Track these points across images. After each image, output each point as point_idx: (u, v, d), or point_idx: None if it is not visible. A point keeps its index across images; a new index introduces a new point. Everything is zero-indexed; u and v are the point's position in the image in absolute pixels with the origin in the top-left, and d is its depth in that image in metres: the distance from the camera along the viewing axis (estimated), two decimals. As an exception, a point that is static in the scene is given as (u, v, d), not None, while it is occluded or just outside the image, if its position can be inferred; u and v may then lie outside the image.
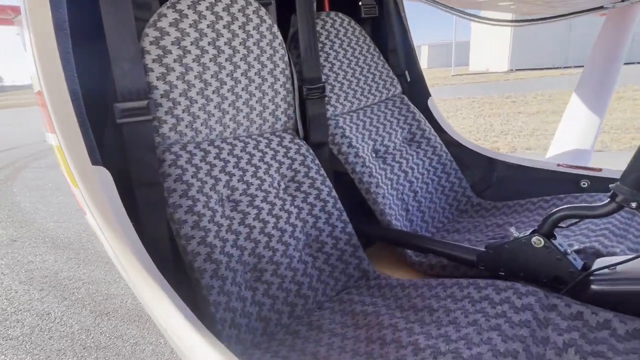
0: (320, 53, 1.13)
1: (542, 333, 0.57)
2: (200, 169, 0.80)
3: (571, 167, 1.11)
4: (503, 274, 0.77)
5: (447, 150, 1.27)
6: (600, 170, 1.07)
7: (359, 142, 1.09)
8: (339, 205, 0.98)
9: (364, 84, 1.20)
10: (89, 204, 0.60)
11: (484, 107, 7.63)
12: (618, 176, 1.08)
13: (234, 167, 0.86)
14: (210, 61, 0.82)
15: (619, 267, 0.62)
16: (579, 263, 0.68)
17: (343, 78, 1.15)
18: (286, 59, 0.97)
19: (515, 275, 0.75)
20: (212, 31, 0.82)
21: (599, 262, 0.66)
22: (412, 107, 1.28)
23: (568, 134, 1.49)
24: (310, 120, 1.05)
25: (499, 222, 1.08)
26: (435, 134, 1.28)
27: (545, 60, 13.88)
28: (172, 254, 0.75)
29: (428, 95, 1.39)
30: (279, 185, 0.94)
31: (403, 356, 0.59)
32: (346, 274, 0.94)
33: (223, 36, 0.84)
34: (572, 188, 1.11)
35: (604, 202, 0.63)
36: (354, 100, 1.16)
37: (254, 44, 0.90)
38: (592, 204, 0.65)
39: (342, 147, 1.06)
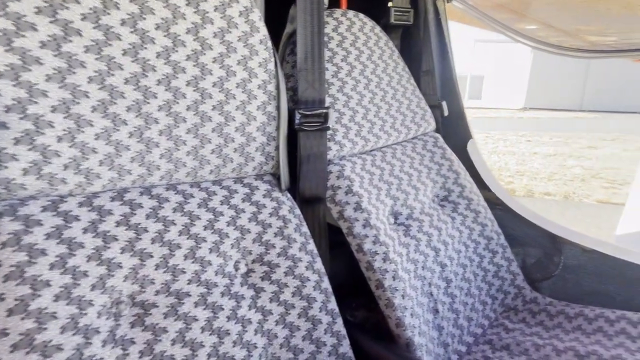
0: (328, 65, 0.78)
1: None
2: (78, 247, 0.43)
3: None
4: None
5: (493, 218, 0.90)
6: None
7: (372, 202, 0.72)
8: (332, 304, 0.61)
9: (385, 114, 0.84)
10: None
11: (498, 143, 7.32)
12: None
13: (153, 242, 0.49)
14: (124, 55, 0.46)
15: None
16: None
17: (357, 104, 0.80)
18: (271, 66, 0.62)
19: None
20: (131, 1, 0.46)
21: None
22: (449, 152, 0.92)
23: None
24: (301, 162, 0.68)
25: (578, 349, 0.69)
26: (478, 192, 0.91)
27: (560, 102, 13.65)
28: None
29: (469, 136, 1.03)
30: (236, 270, 0.56)
31: None
32: None
33: (154, 14, 0.48)
34: None
35: None
36: (369, 136, 0.80)
37: (215, 35, 0.54)
38: None
39: (346, 209, 0.69)
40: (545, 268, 0.90)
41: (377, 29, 0.89)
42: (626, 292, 0.80)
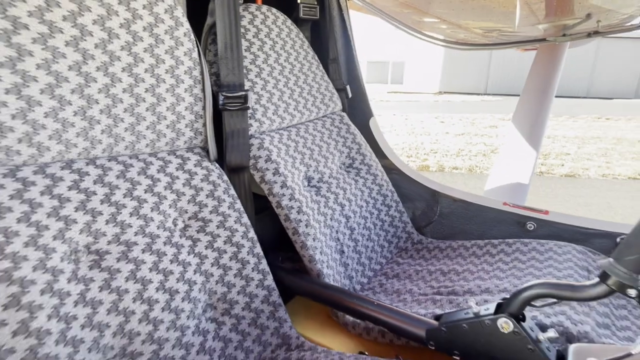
0: (246, 54, 0.91)
1: None
2: (38, 206, 0.52)
3: (517, 207, 1.03)
4: (458, 357, 0.61)
5: (388, 179, 1.12)
6: (547, 213, 0.99)
7: (288, 168, 0.88)
8: (258, 249, 0.76)
9: (298, 96, 1.00)
10: None
11: (415, 125, 7.97)
12: (564, 220, 1.03)
13: (102, 202, 0.59)
14: (66, 46, 0.55)
15: (604, 365, 0.49)
16: (552, 354, 0.55)
17: (273, 87, 0.94)
18: (195, 55, 0.73)
19: None
20: (70, 0, 0.55)
21: (575, 352, 0.52)
22: (353, 127, 1.12)
23: (505, 168, 1.46)
24: (227, 137, 0.81)
25: (443, 269, 0.94)
26: (376, 159, 1.12)
27: (469, 86, 15.16)
28: None
29: (370, 114, 1.24)
30: (175, 226, 0.69)
31: None
32: (261, 342, 0.72)
33: (91, 11, 0.58)
34: (518, 229, 1.02)
35: (591, 283, 0.49)
36: (285, 115, 0.95)
37: (145, 28, 0.65)
38: (576, 283, 0.51)
39: (266, 174, 0.84)
40: (428, 216, 1.15)
41: (289, 22, 1.04)
42: (480, 228, 1.08)
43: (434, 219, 1.13)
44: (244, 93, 0.82)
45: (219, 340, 0.67)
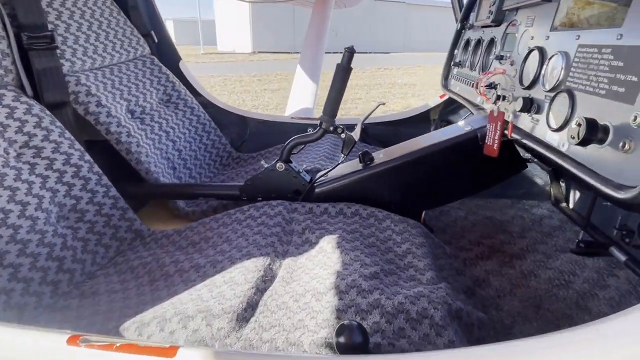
0: None
1: (289, 228, 0.78)
2: None
3: (301, 118, 1.44)
4: (261, 198, 0.95)
5: (204, 111, 1.36)
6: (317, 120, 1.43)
7: (109, 101, 1.01)
8: (96, 169, 0.91)
9: (105, 39, 1.10)
10: None
11: (235, 84, 8.15)
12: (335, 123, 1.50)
13: None
14: None
15: (329, 174, 0.90)
16: (307, 177, 0.94)
17: (77, 30, 1.02)
18: None
19: (269, 197, 0.94)
20: None
21: (318, 175, 0.93)
22: (164, 68, 1.28)
23: (296, 98, 1.90)
24: (39, 75, 0.88)
25: (255, 168, 1.28)
26: (191, 95, 1.34)
27: (279, 45, 16.02)
28: None
29: (179, 58, 1.41)
30: (7, 153, 0.77)
31: (188, 277, 0.66)
32: (117, 238, 0.90)
33: None
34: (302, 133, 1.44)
35: (316, 130, 0.89)
36: (95, 56, 1.05)
37: None
38: (310, 134, 0.90)
39: (89, 106, 0.96)
40: (241, 137, 1.46)
41: None
42: (279, 138, 1.45)
43: (246, 138, 1.45)
44: (49, 34, 0.89)
45: (78, 241, 0.82)
